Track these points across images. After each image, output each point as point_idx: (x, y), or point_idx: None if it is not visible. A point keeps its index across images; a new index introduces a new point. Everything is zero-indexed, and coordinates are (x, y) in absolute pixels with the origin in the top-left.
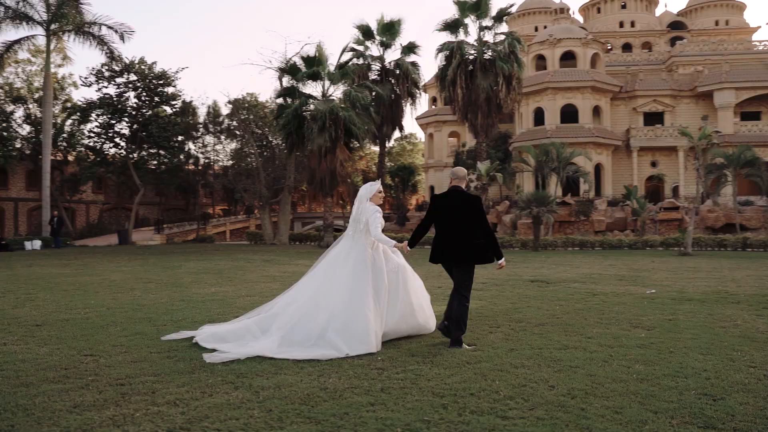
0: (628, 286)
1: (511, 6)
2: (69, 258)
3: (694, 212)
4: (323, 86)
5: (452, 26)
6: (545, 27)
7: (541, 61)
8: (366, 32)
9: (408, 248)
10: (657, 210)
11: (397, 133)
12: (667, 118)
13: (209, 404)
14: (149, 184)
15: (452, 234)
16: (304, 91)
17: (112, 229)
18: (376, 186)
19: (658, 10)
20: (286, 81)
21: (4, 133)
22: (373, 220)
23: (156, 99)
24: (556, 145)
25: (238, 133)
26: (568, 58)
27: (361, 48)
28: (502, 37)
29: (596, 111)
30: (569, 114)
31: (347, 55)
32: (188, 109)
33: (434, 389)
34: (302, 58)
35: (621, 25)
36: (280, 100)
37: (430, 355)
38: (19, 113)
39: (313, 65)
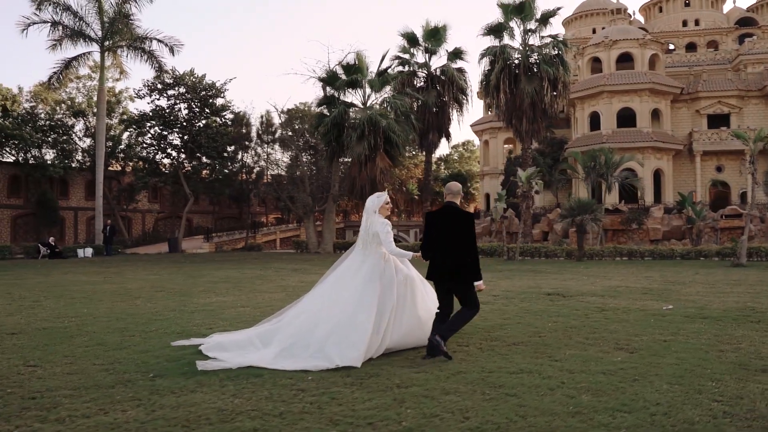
0: (648, 300)
1: (559, 9)
2: (110, 266)
3: (748, 220)
4: (364, 94)
5: (496, 30)
6: (603, 28)
7: (596, 64)
8: (411, 39)
9: (424, 259)
10: (718, 217)
11: (445, 141)
12: (733, 120)
13: (94, 423)
14: (201, 193)
15: (444, 251)
16: (345, 99)
17: (165, 238)
18: (383, 197)
19: (726, 7)
20: (328, 90)
21: (66, 146)
22: (384, 233)
23: (207, 110)
24: (605, 151)
25: (291, 143)
26: (625, 60)
27: (406, 56)
28: (549, 40)
29: (655, 114)
30: (627, 118)
31: (390, 63)
32: (241, 119)
33: (335, 416)
34: (341, 66)
35: (684, 23)
36: (321, 109)
37: (367, 376)
38: (80, 126)
39: (352, 73)
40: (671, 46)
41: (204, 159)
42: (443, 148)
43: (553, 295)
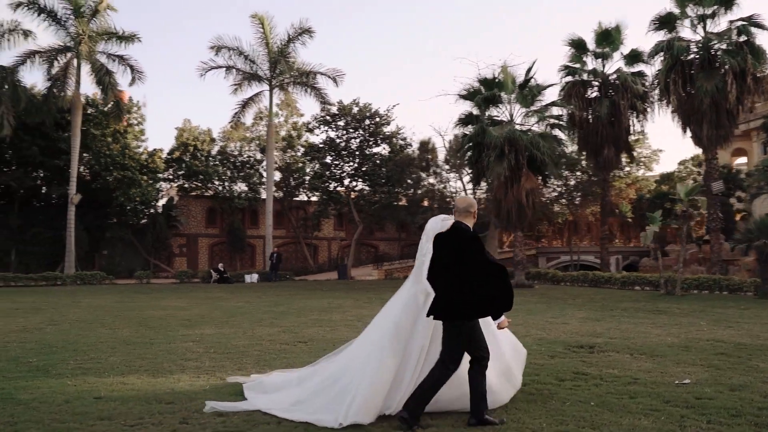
0: (696, 367)
1: None
2: (246, 291)
3: None
4: (512, 108)
5: (666, 22)
6: None
7: None
8: (579, 46)
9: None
10: None
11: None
12: None
13: None
14: (380, 220)
15: (445, 282)
16: (495, 116)
17: (355, 263)
18: (448, 222)
19: None
20: (470, 107)
21: (254, 179)
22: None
23: (376, 138)
24: None
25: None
26: None
27: (577, 65)
28: (737, 23)
29: None
30: None
31: (559, 74)
32: (425, 144)
33: None
34: (479, 81)
35: None
36: (463, 129)
37: None
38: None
39: (493, 88)
40: None
41: (377, 186)
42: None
43: (577, 347)
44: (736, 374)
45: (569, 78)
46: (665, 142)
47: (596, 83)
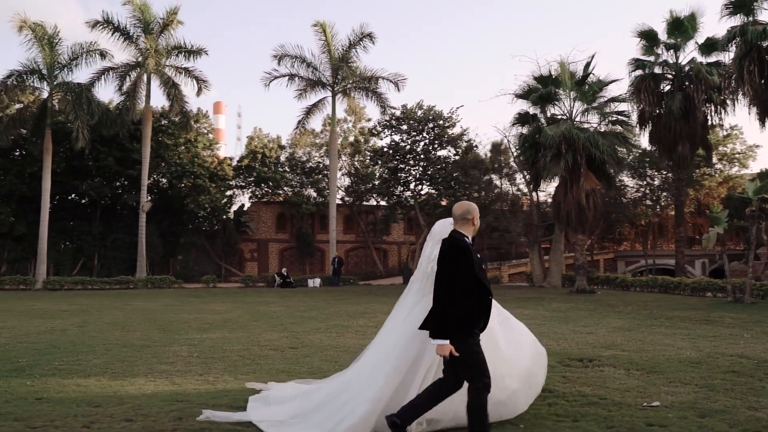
0: (688, 387)
1: None
2: (298, 295)
3: None
4: (570, 107)
5: (741, 6)
6: None
7: None
8: (649, 37)
9: None
10: None
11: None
12: None
13: None
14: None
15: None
16: (555, 113)
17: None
18: (450, 228)
19: None
20: (527, 106)
21: (323, 184)
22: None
23: (441, 140)
24: None
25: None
26: None
27: (650, 58)
28: None
29: None
30: None
31: (613, 68)
32: (498, 146)
33: None
34: (535, 78)
35: None
36: (520, 129)
37: None
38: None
39: (548, 85)
40: None
41: (443, 189)
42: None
43: (571, 360)
44: (726, 397)
45: (638, 71)
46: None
47: (669, 76)
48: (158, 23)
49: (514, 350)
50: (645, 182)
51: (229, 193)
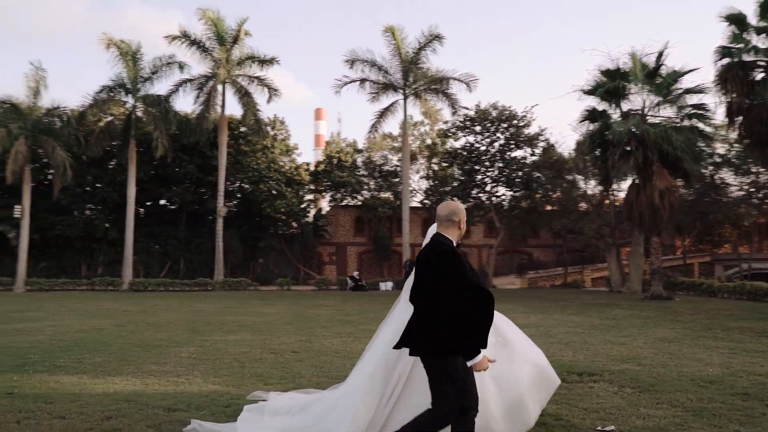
0: (674, 410)
1: None
2: (359, 299)
3: None
4: (643, 101)
5: None
6: None
7: None
8: (737, 21)
9: None
10: None
11: None
12: None
13: None
14: (537, 226)
15: (414, 308)
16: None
17: (503, 272)
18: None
19: None
20: (596, 102)
21: (400, 188)
22: None
23: (517, 141)
24: None
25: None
26: None
27: (739, 45)
28: None
29: None
30: None
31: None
32: (583, 146)
33: None
34: (601, 72)
35: None
36: (589, 127)
37: None
38: (415, 168)
39: (616, 78)
40: None
41: (522, 190)
42: None
43: (571, 373)
44: (704, 424)
45: (725, 60)
46: None
47: (762, 63)
48: (230, 35)
49: (508, 374)
50: (750, 179)
51: (309, 197)
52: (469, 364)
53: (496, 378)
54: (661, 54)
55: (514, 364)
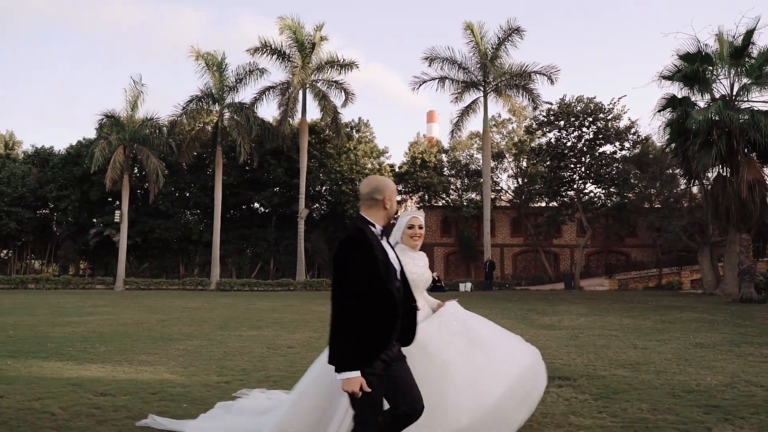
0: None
1: None
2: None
3: None
4: (731, 84)
5: None
6: None
7: None
8: None
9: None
10: None
11: None
12: None
13: None
14: (635, 225)
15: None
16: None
17: (596, 273)
18: (404, 219)
19: None
20: (677, 89)
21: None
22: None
23: (606, 135)
24: None
25: None
26: None
27: None
28: None
29: None
30: None
31: None
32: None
33: None
34: (679, 56)
35: None
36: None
37: None
38: (503, 167)
39: (695, 62)
40: None
41: (611, 187)
42: None
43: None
44: None
45: None
46: None
47: None
48: (309, 41)
49: (480, 379)
50: None
51: (396, 199)
52: (338, 377)
53: (459, 385)
54: (751, 32)
55: (490, 366)
